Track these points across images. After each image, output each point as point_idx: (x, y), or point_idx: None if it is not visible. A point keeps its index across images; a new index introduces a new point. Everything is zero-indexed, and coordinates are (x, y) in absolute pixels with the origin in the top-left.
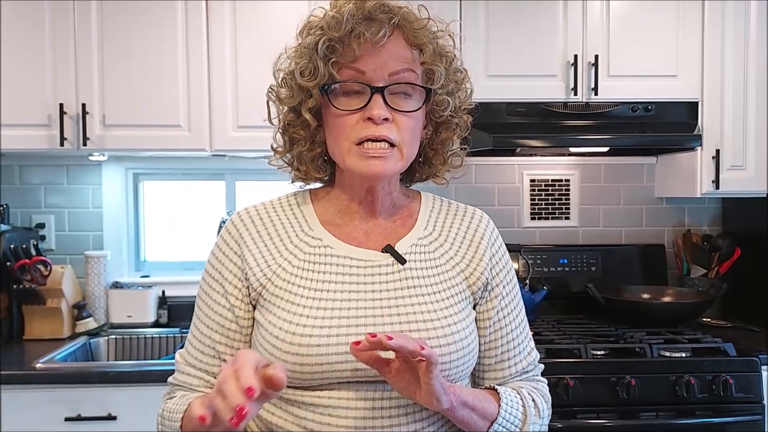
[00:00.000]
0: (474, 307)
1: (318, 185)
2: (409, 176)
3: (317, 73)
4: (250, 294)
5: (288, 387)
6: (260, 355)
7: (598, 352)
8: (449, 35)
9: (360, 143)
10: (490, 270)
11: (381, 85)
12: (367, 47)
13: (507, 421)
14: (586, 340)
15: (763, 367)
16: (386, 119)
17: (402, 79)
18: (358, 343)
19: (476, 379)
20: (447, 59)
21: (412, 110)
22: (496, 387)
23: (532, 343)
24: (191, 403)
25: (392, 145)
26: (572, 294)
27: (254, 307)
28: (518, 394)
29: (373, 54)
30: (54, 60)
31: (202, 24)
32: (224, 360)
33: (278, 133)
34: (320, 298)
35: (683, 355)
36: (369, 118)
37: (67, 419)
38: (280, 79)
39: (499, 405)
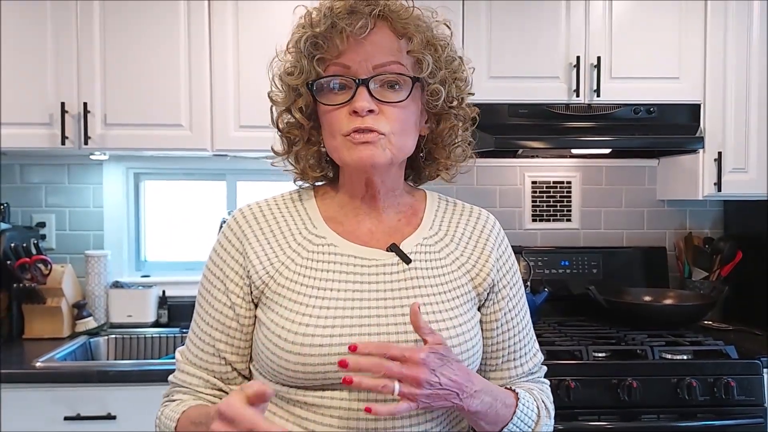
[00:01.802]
0: (479, 309)
1: (319, 183)
2: (416, 174)
3: (303, 71)
4: (252, 292)
5: (290, 387)
6: (239, 391)
7: (600, 354)
8: (444, 23)
9: (349, 134)
10: (497, 271)
11: (365, 77)
12: (350, 41)
13: (521, 421)
14: (587, 342)
15: (765, 370)
16: (371, 111)
17: (388, 71)
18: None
19: None
20: (437, 48)
21: (400, 100)
22: (514, 388)
23: (537, 345)
24: None
25: (382, 133)
26: (573, 296)
27: (256, 305)
28: (530, 395)
29: (356, 47)
30: (56, 59)
31: (204, 23)
32: (224, 358)
33: (278, 135)
34: (323, 297)
35: (685, 357)
36: (355, 111)
37: (66, 418)
38: (274, 81)
39: (516, 403)
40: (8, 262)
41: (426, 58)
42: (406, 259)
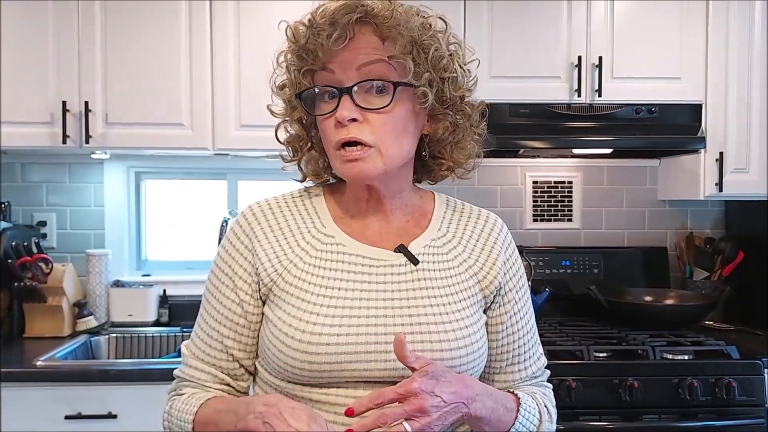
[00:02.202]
0: (485, 311)
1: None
2: (429, 174)
3: (292, 84)
4: (260, 289)
5: (296, 384)
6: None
7: (601, 354)
8: (440, 17)
9: (339, 148)
10: (504, 274)
11: (348, 84)
12: (332, 51)
13: (523, 425)
14: (588, 342)
15: (766, 371)
16: (354, 120)
17: (372, 71)
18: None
19: (485, 383)
20: (422, 49)
21: (383, 106)
22: (515, 391)
23: (541, 349)
24: None
25: (369, 145)
26: (574, 296)
27: (264, 303)
28: (533, 399)
29: (339, 56)
30: (57, 58)
31: (205, 23)
32: (232, 354)
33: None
34: (331, 296)
35: (686, 357)
36: (338, 121)
37: (67, 417)
38: (273, 94)
39: (518, 407)
40: (9, 261)
41: (407, 63)
42: (414, 261)
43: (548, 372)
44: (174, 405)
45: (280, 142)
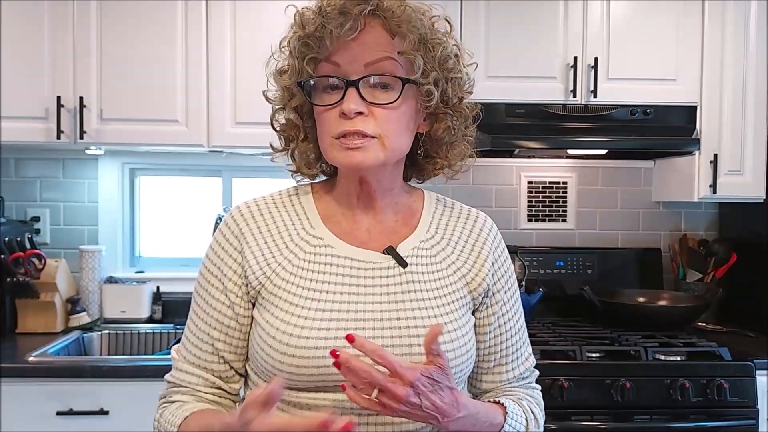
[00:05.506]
0: (473, 312)
1: (318, 180)
2: (418, 173)
3: (295, 71)
4: (249, 292)
5: (285, 388)
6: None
7: (593, 355)
8: (445, 19)
9: (339, 137)
10: (492, 275)
11: (355, 77)
12: (340, 42)
13: (510, 430)
14: (581, 343)
15: (758, 372)
16: (360, 113)
17: (379, 68)
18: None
19: (473, 382)
20: (431, 47)
21: (390, 102)
22: (502, 401)
23: (530, 349)
24: None
25: (372, 137)
26: (568, 296)
27: (253, 305)
28: (520, 407)
29: (346, 47)
30: (52, 52)
31: (201, 20)
32: (222, 357)
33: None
34: (319, 299)
35: (678, 358)
36: (344, 113)
37: (58, 413)
38: (270, 80)
39: (505, 417)
40: (2, 257)
41: (417, 60)
42: (403, 263)
43: (537, 373)
44: (164, 415)
45: (275, 129)
